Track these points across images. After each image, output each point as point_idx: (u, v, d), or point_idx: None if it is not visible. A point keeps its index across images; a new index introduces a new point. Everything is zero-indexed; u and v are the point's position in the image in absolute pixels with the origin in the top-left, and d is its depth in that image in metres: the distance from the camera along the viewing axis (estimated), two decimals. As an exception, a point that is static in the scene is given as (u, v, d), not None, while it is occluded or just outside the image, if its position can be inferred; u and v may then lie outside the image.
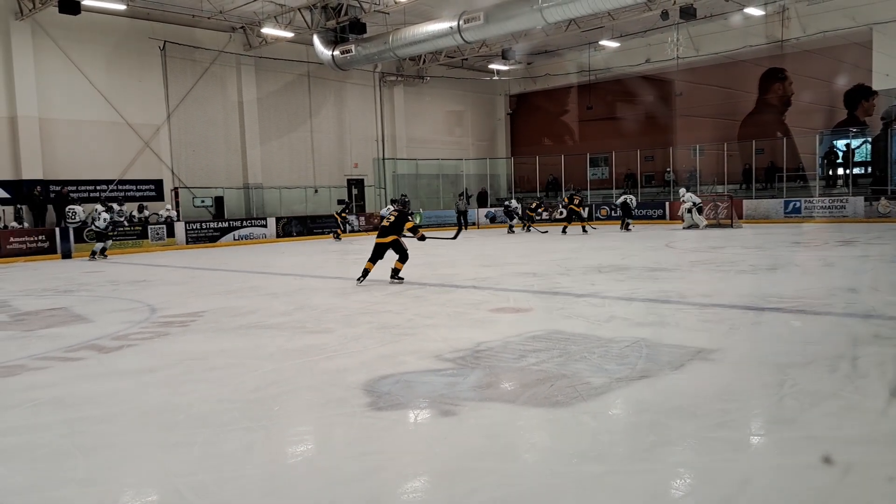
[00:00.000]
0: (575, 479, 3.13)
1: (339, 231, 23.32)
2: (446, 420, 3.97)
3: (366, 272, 10.05)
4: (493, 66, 29.08)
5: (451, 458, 3.42)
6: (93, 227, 17.63)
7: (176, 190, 22.42)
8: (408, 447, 3.66)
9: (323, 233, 24.33)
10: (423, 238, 10.33)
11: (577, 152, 30.18)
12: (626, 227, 21.87)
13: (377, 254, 10.11)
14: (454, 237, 12.11)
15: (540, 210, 23.98)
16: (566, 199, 22.41)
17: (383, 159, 28.39)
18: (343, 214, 23.87)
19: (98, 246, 17.60)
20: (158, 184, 22.31)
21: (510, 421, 3.95)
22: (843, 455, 3.25)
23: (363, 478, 3.22)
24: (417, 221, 11.46)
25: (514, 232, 22.97)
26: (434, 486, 3.21)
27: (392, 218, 10.12)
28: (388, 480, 3.23)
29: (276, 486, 3.20)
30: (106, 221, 17.20)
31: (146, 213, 21.21)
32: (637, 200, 23.63)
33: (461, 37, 20.16)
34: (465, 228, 24.43)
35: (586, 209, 23.88)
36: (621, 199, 22.67)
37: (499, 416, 4.00)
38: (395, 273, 10.13)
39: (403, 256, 10.09)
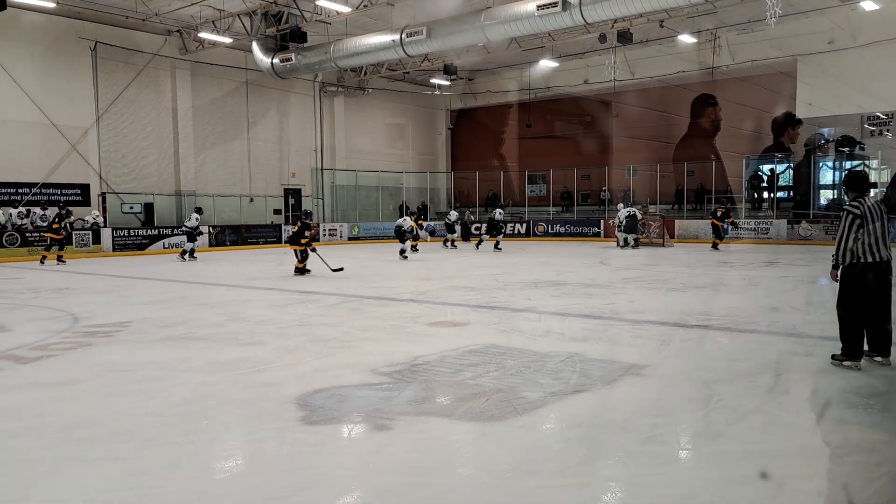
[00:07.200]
0: (509, 493, 3.14)
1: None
2: (381, 434, 3.93)
3: None
4: (434, 81, 29.22)
5: (385, 473, 3.39)
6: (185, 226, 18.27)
7: (103, 195, 21.62)
8: (341, 462, 3.60)
9: (257, 242, 23.85)
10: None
11: (516, 169, 30.60)
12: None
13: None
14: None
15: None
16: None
17: (322, 170, 28.11)
18: (419, 222, 23.53)
19: (188, 246, 17.91)
20: (85, 188, 21.47)
21: (445, 435, 3.94)
22: (771, 469, 3.37)
23: (294, 494, 3.15)
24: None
25: (454, 247, 22.60)
26: (367, 502, 3.17)
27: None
28: (320, 497, 3.17)
29: (203, 504, 3.10)
30: (198, 221, 17.81)
31: (71, 218, 20.37)
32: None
33: (403, 50, 20.24)
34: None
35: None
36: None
37: (434, 431, 3.98)
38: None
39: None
